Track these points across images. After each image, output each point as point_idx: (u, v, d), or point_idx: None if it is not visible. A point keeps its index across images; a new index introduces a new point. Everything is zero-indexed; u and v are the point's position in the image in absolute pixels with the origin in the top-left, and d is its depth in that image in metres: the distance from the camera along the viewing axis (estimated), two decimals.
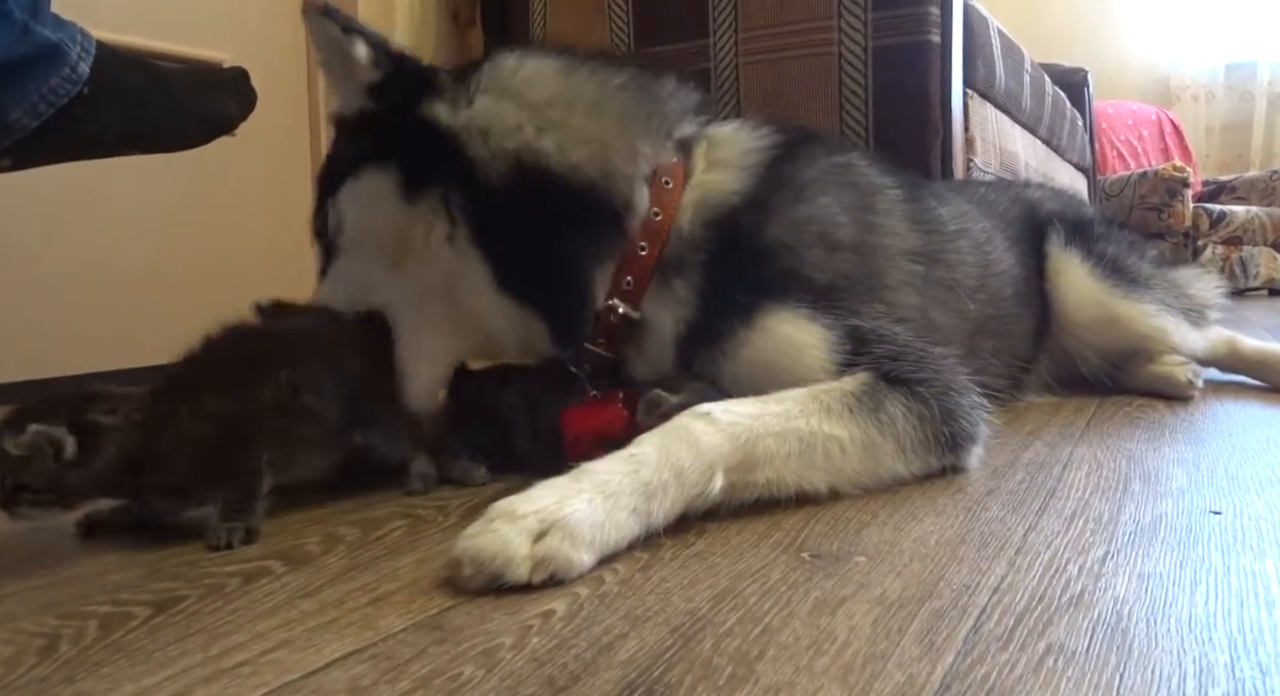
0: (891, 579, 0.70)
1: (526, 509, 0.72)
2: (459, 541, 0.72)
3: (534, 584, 0.69)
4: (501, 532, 0.70)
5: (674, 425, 0.84)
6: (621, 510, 0.76)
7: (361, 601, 0.70)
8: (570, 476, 0.78)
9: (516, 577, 0.69)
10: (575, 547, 0.71)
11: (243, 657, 0.60)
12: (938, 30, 1.91)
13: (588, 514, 0.73)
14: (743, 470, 0.85)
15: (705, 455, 0.82)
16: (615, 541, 0.75)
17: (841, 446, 0.90)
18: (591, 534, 0.73)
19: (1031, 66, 2.69)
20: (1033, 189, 1.79)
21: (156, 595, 0.73)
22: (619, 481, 0.77)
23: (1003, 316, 1.39)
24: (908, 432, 0.94)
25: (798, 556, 0.76)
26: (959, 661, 0.56)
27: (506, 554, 0.69)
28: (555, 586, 0.70)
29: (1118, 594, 0.66)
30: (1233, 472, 1.01)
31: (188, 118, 1.49)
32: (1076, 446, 1.15)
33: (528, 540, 0.70)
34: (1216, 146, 5.70)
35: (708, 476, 0.82)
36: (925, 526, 0.83)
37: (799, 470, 0.88)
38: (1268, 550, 0.75)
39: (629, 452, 0.81)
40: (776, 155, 1.11)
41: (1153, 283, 1.54)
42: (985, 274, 1.36)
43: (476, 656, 0.59)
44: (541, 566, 0.70)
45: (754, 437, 0.85)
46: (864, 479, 0.93)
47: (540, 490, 0.75)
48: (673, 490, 0.79)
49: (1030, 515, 0.86)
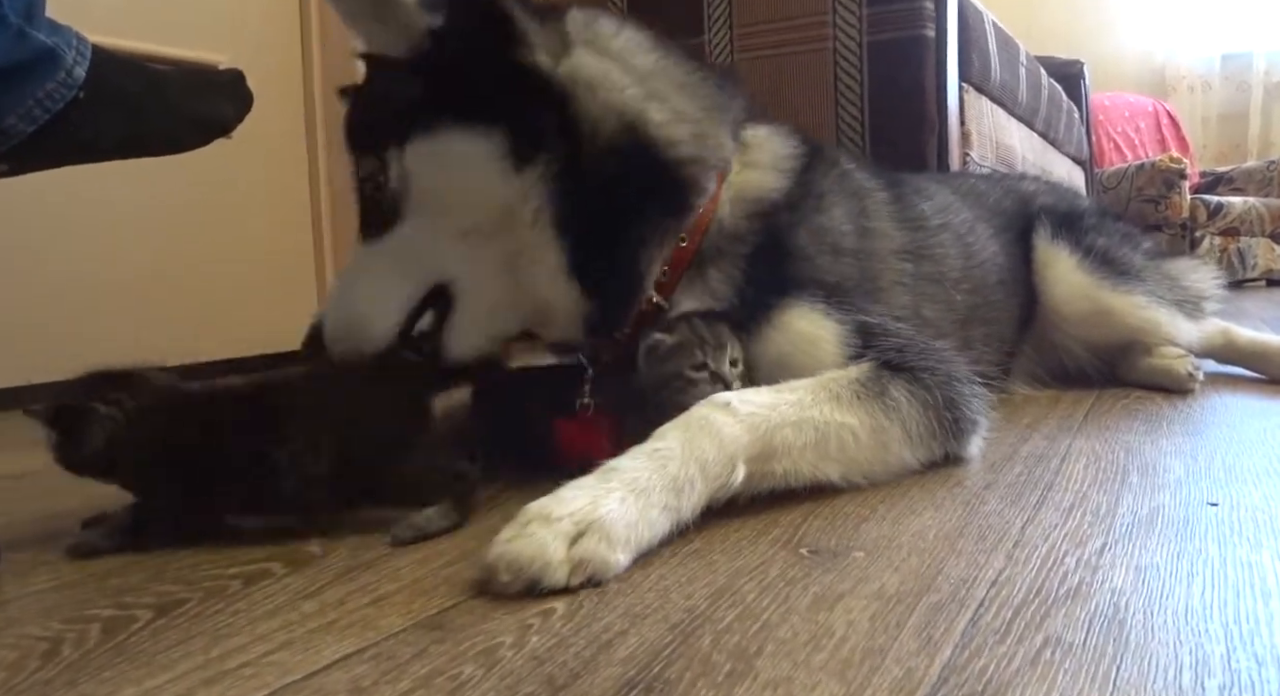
0: (889, 573, 0.70)
1: (561, 511, 0.72)
2: (493, 547, 0.71)
3: (571, 586, 0.69)
4: (538, 536, 0.70)
5: (694, 416, 0.85)
6: (654, 507, 0.76)
7: (362, 601, 0.70)
8: (598, 475, 0.77)
9: (555, 581, 0.68)
10: (612, 548, 0.71)
11: (244, 659, 0.61)
12: (932, 25, 1.91)
13: (621, 513, 0.73)
14: (761, 460, 0.86)
15: (727, 447, 0.82)
16: (649, 539, 0.75)
17: (854, 433, 0.91)
18: (626, 533, 0.73)
19: (1027, 59, 2.69)
20: (1028, 182, 1.79)
21: (159, 598, 0.74)
22: (648, 478, 0.77)
23: (989, 304, 1.40)
24: (913, 416, 0.96)
25: (796, 552, 0.76)
26: (956, 654, 0.56)
27: (544, 558, 0.68)
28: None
29: (1115, 586, 0.66)
30: (1230, 464, 1.01)
31: (183, 121, 1.49)
32: (1075, 439, 1.16)
33: (564, 543, 0.70)
34: (1213, 137, 5.70)
35: (730, 468, 0.82)
36: (923, 520, 0.83)
37: (814, 460, 0.89)
38: (1264, 541, 0.75)
39: (653, 447, 0.81)
40: (805, 164, 1.13)
41: (1145, 274, 1.54)
42: (968, 264, 1.37)
43: (477, 655, 0.59)
44: (580, 569, 0.69)
45: (772, 428, 0.86)
46: (874, 468, 0.94)
47: (571, 491, 0.75)
48: (699, 483, 0.79)
49: (1028, 508, 0.86)
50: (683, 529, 0.79)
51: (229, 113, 1.52)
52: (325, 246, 2.41)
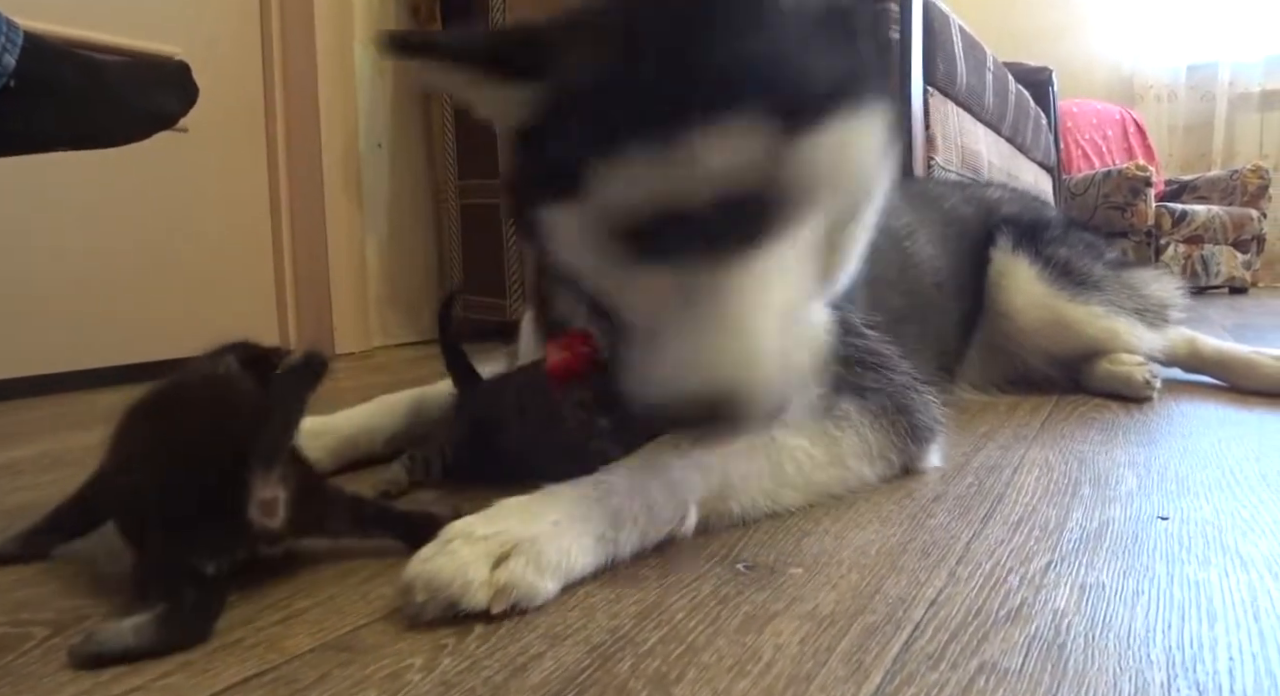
0: (826, 591, 0.67)
1: (486, 530, 0.66)
2: (411, 564, 0.65)
3: (492, 613, 0.63)
4: (459, 555, 0.64)
5: (645, 453, 0.79)
6: (588, 535, 0.70)
7: (272, 619, 0.66)
8: (533, 496, 0.72)
9: (474, 605, 0.63)
10: (540, 574, 0.65)
11: (136, 683, 0.57)
12: (896, 28, 1.89)
13: (553, 537, 0.68)
14: (716, 501, 0.81)
15: (678, 491, 0.77)
16: (580, 568, 0.69)
17: (807, 453, 0.87)
18: (558, 559, 0.67)
19: (994, 64, 2.68)
20: (994, 189, 1.78)
21: (60, 613, 0.69)
22: (587, 507, 0.72)
23: (925, 307, 1.37)
24: (864, 424, 0.92)
25: (732, 568, 0.73)
26: (886, 682, 0.53)
27: (464, 578, 0.63)
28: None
29: (1057, 606, 0.64)
30: (1183, 476, 1.00)
31: (124, 113, 1.44)
32: (1029, 448, 1.14)
33: (487, 564, 0.64)
34: (1179, 146, 5.75)
35: (680, 512, 0.77)
36: (868, 535, 0.81)
37: (771, 489, 0.85)
38: (1212, 558, 0.73)
39: (597, 478, 0.75)
40: None
41: (1104, 284, 1.53)
42: (905, 264, 1.35)
43: (382, 680, 0.55)
44: (503, 594, 0.63)
45: (723, 460, 0.81)
46: (833, 486, 0.90)
47: (501, 510, 0.70)
48: (642, 522, 0.74)
49: (976, 522, 0.84)
50: (615, 565, 0.73)
51: (173, 105, 1.47)
52: (284, 241, 2.36)
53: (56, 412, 1.65)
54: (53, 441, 1.35)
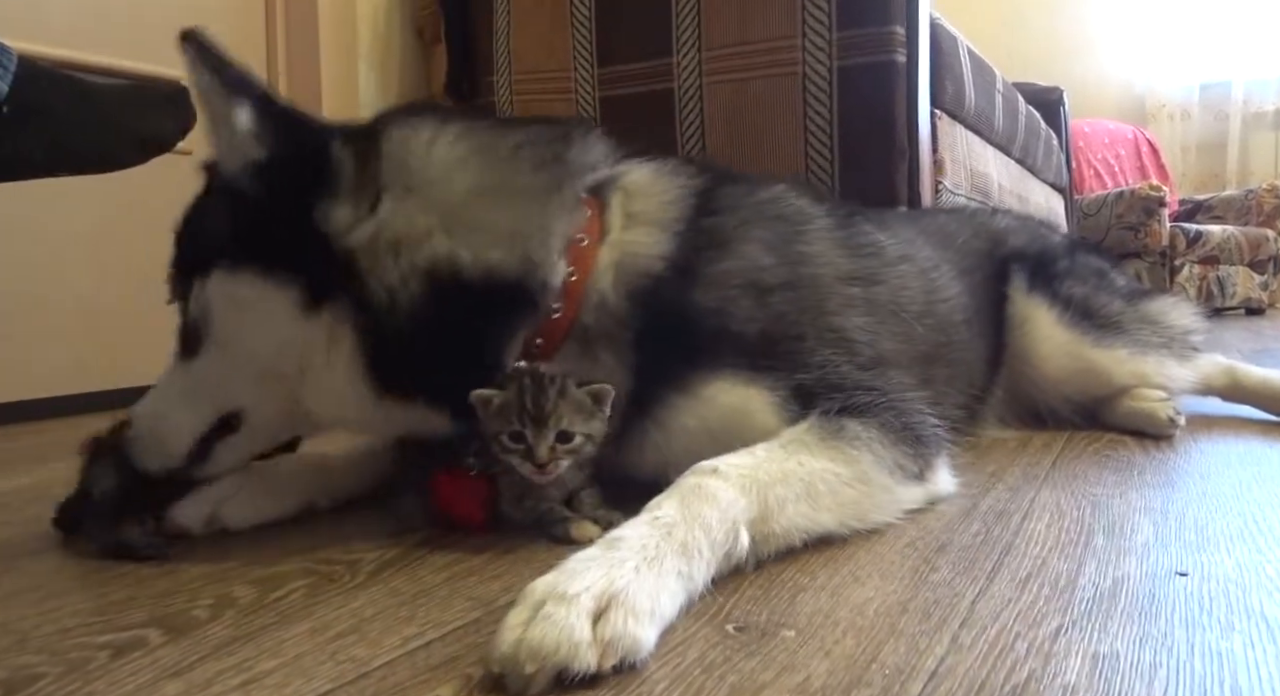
0: (819, 659, 0.63)
1: (575, 587, 0.64)
2: (505, 634, 0.61)
3: (602, 671, 0.60)
4: (557, 618, 0.61)
5: (686, 484, 0.80)
6: (668, 574, 0.69)
7: (231, 683, 0.63)
8: (603, 545, 0.71)
9: (584, 667, 0.59)
10: (640, 623, 0.63)
11: None
12: (903, 50, 1.86)
13: (640, 584, 0.66)
14: (760, 522, 0.81)
15: (728, 512, 0.78)
16: (670, 611, 0.68)
17: (835, 474, 0.88)
18: (650, 604, 0.65)
19: (1004, 85, 2.64)
20: (1000, 217, 1.74)
21: (12, 672, 0.66)
22: (657, 545, 0.71)
23: (953, 343, 1.34)
24: (874, 438, 0.93)
25: (721, 629, 0.69)
26: None
27: (570, 640, 0.60)
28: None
29: (1067, 681, 0.59)
30: (1202, 524, 0.95)
31: (119, 137, 1.42)
32: (1040, 491, 1.09)
33: (588, 622, 0.62)
34: (1193, 165, 5.70)
35: (734, 534, 0.78)
36: (866, 591, 0.76)
37: (809, 512, 0.86)
38: (1236, 623, 0.69)
39: (652, 516, 0.75)
40: (696, 205, 1.04)
41: (1125, 322, 1.48)
42: (931, 299, 1.31)
43: None
44: (610, 650, 0.61)
45: (763, 487, 0.82)
46: (864, 505, 0.90)
47: (580, 564, 0.68)
48: (705, 550, 0.74)
49: (981, 577, 0.79)
50: (694, 601, 0.72)
51: (169, 129, 1.44)
52: None
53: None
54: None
